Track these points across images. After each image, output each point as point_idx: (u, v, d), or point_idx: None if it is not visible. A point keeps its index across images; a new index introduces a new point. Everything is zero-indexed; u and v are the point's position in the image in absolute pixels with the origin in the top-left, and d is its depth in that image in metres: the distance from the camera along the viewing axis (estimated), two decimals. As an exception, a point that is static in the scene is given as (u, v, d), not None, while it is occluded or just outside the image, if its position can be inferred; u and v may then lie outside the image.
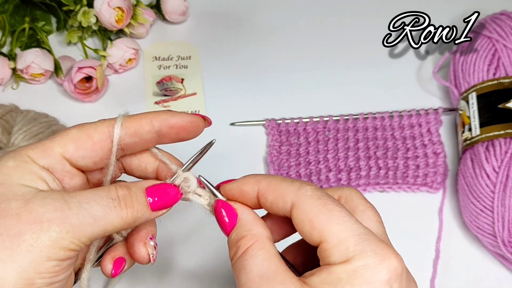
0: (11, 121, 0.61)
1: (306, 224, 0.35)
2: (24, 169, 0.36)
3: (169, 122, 0.39)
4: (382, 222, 0.39)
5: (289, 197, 0.36)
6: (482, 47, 0.67)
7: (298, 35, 0.79)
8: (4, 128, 0.59)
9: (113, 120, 0.39)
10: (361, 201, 0.39)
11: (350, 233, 0.34)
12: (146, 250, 0.40)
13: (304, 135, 0.68)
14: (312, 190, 0.36)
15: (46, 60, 0.69)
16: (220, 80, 0.74)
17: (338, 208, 0.35)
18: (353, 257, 0.34)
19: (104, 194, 0.36)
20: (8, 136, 0.59)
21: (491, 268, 0.61)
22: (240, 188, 0.39)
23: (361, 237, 0.34)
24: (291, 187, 0.37)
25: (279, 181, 0.38)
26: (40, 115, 0.63)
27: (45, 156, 0.37)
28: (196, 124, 0.40)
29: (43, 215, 0.33)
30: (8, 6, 0.73)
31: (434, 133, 0.68)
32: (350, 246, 0.34)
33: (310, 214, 0.35)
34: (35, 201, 0.34)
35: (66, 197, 0.34)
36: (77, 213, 0.34)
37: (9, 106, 0.62)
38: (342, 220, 0.35)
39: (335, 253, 0.34)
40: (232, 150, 0.68)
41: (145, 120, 0.39)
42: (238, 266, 0.36)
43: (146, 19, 0.75)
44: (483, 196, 0.59)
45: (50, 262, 0.33)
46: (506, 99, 0.62)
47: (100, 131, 0.38)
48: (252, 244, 0.36)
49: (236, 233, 0.37)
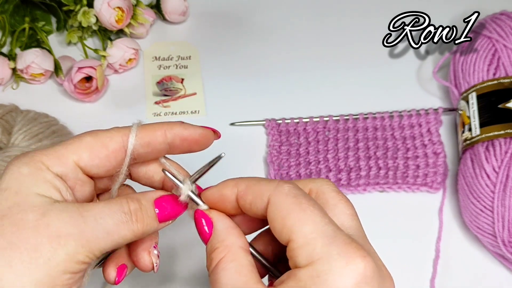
0: (11, 121, 0.61)
1: (278, 221, 0.35)
2: (38, 177, 0.36)
3: (183, 135, 0.39)
4: (355, 215, 0.37)
5: (266, 194, 0.36)
6: (482, 47, 0.67)
7: (298, 35, 0.79)
8: (4, 128, 0.59)
9: (127, 129, 0.39)
10: (332, 194, 0.38)
11: (319, 234, 0.33)
12: (150, 259, 0.40)
13: (304, 135, 0.68)
14: (289, 188, 0.35)
15: (46, 60, 0.69)
16: (220, 80, 0.74)
17: (311, 207, 0.34)
18: (317, 260, 0.32)
19: (117, 209, 0.36)
20: (8, 136, 0.59)
21: (491, 268, 0.61)
22: (220, 192, 0.38)
23: (330, 239, 0.33)
24: (269, 185, 0.36)
25: (257, 181, 0.37)
26: (40, 115, 0.63)
27: (60, 164, 0.37)
28: (208, 138, 0.40)
29: (60, 229, 0.33)
30: (8, 6, 0.73)
31: (434, 133, 0.68)
32: (316, 247, 0.33)
33: (282, 212, 0.34)
34: (52, 214, 0.34)
35: (82, 211, 0.35)
36: (92, 228, 0.34)
37: (9, 106, 0.62)
38: (313, 221, 0.34)
39: (301, 253, 0.33)
40: (232, 150, 0.67)
41: (159, 132, 0.39)
42: (212, 278, 0.36)
43: (146, 19, 0.75)
44: (483, 196, 0.59)
45: (65, 275, 0.34)
46: (506, 99, 0.62)
47: (115, 140, 0.38)
48: (223, 256, 0.36)
49: (211, 245, 0.37)
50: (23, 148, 0.58)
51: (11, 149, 0.57)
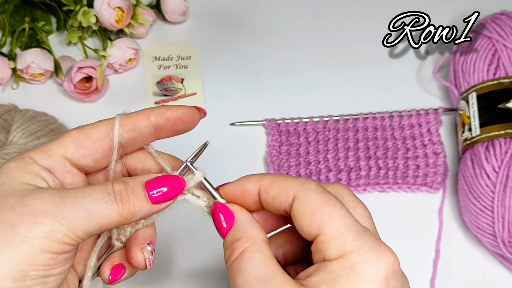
0: (10, 120, 0.61)
1: (307, 215, 0.36)
2: (24, 169, 0.36)
3: (165, 115, 0.40)
4: (372, 218, 0.39)
5: (293, 190, 0.37)
6: (482, 47, 0.66)
7: (298, 35, 0.79)
8: (3, 127, 0.59)
9: (111, 119, 0.40)
10: (351, 198, 0.39)
11: (349, 228, 0.34)
12: (142, 255, 0.40)
13: (304, 135, 0.68)
14: (316, 185, 0.37)
15: (46, 60, 0.69)
16: (220, 80, 0.74)
17: (339, 204, 0.36)
18: (350, 252, 0.34)
19: (99, 189, 0.36)
20: (7, 135, 0.59)
21: (491, 268, 0.61)
22: (242, 186, 0.39)
23: (360, 233, 0.34)
24: (296, 181, 0.37)
25: (283, 177, 0.38)
26: (38, 113, 0.63)
27: (46, 157, 0.38)
28: (192, 115, 0.41)
29: (36, 207, 0.34)
30: (8, 6, 0.73)
31: (434, 133, 0.68)
32: (348, 240, 0.34)
33: (312, 206, 0.36)
34: (30, 196, 0.34)
35: (61, 192, 0.35)
36: (71, 206, 0.34)
37: (8, 106, 0.63)
38: (343, 216, 0.35)
39: (332, 246, 0.34)
40: (232, 150, 0.68)
41: (141, 115, 0.40)
42: (234, 268, 0.36)
43: (146, 19, 0.75)
44: (483, 196, 0.59)
45: (44, 255, 0.33)
46: (506, 99, 0.62)
47: (99, 129, 0.39)
48: (248, 246, 0.36)
49: (232, 235, 0.37)
50: (21, 146, 0.58)
51: (9, 146, 0.58)
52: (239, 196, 0.39)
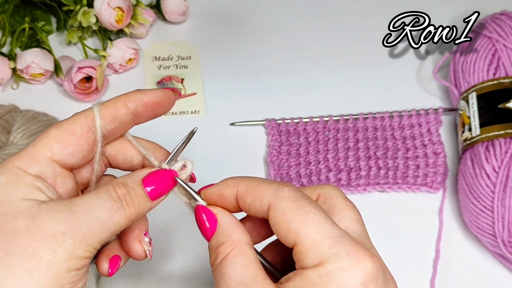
0: (11, 120, 0.61)
1: (282, 226, 0.35)
2: (17, 183, 0.35)
3: (143, 101, 0.39)
4: (361, 220, 0.38)
5: (266, 198, 0.36)
6: (482, 47, 0.67)
7: (298, 35, 0.79)
8: (3, 128, 0.59)
9: (88, 110, 0.38)
10: (339, 199, 0.38)
11: (325, 235, 0.34)
12: (142, 247, 0.40)
13: (304, 135, 0.68)
14: (290, 191, 0.36)
15: (46, 60, 0.69)
16: (220, 80, 0.74)
17: (314, 210, 0.35)
18: (326, 260, 0.33)
19: (106, 197, 0.36)
20: (7, 135, 0.59)
21: (491, 268, 0.61)
22: (219, 191, 0.39)
23: (336, 239, 0.33)
24: (268, 188, 0.36)
25: (257, 183, 0.37)
26: (39, 114, 0.63)
27: (34, 163, 0.36)
28: (168, 98, 0.40)
29: (54, 229, 0.33)
30: (8, 6, 0.73)
31: (434, 133, 0.68)
32: (324, 248, 0.33)
33: (286, 216, 0.35)
34: (41, 216, 0.33)
35: (70, 207, 0.34)
36: (85, 221, 0.34)
37: (9, 106, 0.63)
38: (318, 222, 0.34)
39: (309, 255, 0.33)
40: (232, 150, 0.68)
41: (119, 104, 0.39)
42: (218, 273, 0.36)
43: (146, 19, 0.75)
44: (483, 196, 0.59)
45: (70, 273, 0.33)
46: (506, 99, 0.62)
47: (80, 124, 0.38)
48: (231, 251, 0.36)
49: (216, 239, 0.37)
50: (22, 147, 0.58)
51: (10, 147, 0.58)
52: (218, 200, 0.39)
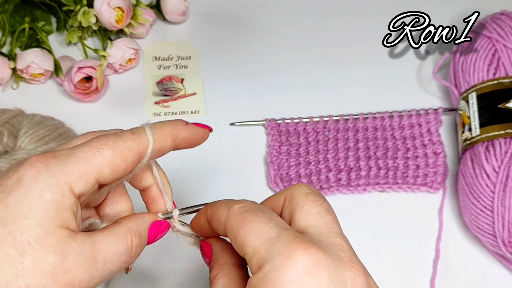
0: (17, 125, 0.61)
1: (233, 242, 0.35)
2: (61, 205, 0.34)
3: (187, 139, 0.40)
4: (324, 212, 0.36)
5: (222, 219, 0.36)
6: (482, 47, 0.67)
7: (298, 35, 0.79)
8: (11, 132, 0.59)
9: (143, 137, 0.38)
10: (301, 197, 0.37)
11: (263, 239, 0.33)
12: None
13: (304, 135, 0.68)
14: (239, 207, 0.36)
15: (46, 60, 0.69)
16: (220, 80, 0.74)
17: (254, 218, 0.34)
18: (263, 263, 0.32)
19: (124, 249, 0.37)
20: (15, 140, 0.59)
21: (491, 268, 0.61)
22: (196, 222, 0.41)
23: (272, 241, 0.33)
24: (225, 209, 0.36)
25: (218, 206, 0.37)
26: (45, 118, 0.63)
27: (83, 183, 0.35)
28: (205, 136, 0.42)
29: (76, 277, 0.34)
30: (8, 6, 0.73)
31: (434, 133, 0.68)
32: (261, 252, 0.33)
33: (233, 232, 0.35)
34: (70, 258, 0.34)
35: (95, 254, 0.35)
36: (101, 272, 0.35)
37: (15, 111, 0.62)
38: (257, 229, 0.34)
39: (252, 263, 0.33)
40: (232, 150, 0.68)
41: (169, 139, 0.39)
42: None
43: (146, 19, 0.75)
44: (483, 196, 0.59)
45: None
46: (506, 99, 0.62)
47: (133, 153, 0.37)
48: (218, 273, 0.38)
49: (211, 265, 0.39)
50: (30, 151, 0.58)
51: (18, 152, 0.58)
52: (200, 229, 0.41)
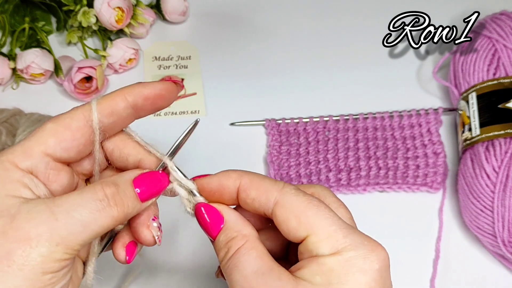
0: (15, 123, 0.61)
1: (292, 220, 0.36)
2: (6, 178, 0.35)
3: (143, 94, 0.38)
4: (353, 219, 0.40)
5: (273, 195, 0.37)
6: (482, 47, 0.67)
7: (298, 35, 0.79)
8: (9, 131, 0.59)
9: (87, 105, 0.38)
10: (333, 199, 0.40)
11: (338, 226, 0.36)
12: (150, 233, 0.39)
13: (304, 135, 0.68)
14: (295, 189, 0.37)
15: (46, 60, 0.69)
16: (220, 80, 0.74)
17: (323, 204, 0.37)
18: (343, 248, 0.35)
19: (90, 197, 0.35)
20: (13, 138, 0.59)
21: (491, 268, 0.61)
22: (220, 182, 0.39)
23: (348, 231, 0.36)
24: (275, 185, 0.37)
25: (262, 178, 0.38)
26: (44, 117, 0.63)
27: (27, 158, 0.36)
28: (170, 90, 0.39)
29: (30, 231, 0.32)
30: (8, 6, 0.73)
31: (434, 133, 0.68)
32: (339, 238, 0.35)
33: (296, 211, 0.36)
34: (20, 217, 0.33)
35: (52, 207, 0.34)
36: (65, 223, 0.33)
37: (13, 110, 0.62)
38: (329, 215, 0.36)
39: (324, 245, 0.35)
40: (232, 150, 0.68)
41: (119, 98, 0.38)
42: (231, 265, 0.36)
43: (146, 19, 0.75)
44: (483, 196, 0.59)
45: (45, 276, 0.33)
46: (506, 99, 0.62)
47: (77, 118, 0.37)
48: (243, 244, 0.36)
49: (225, 235, 0.37)
50: None
51: None
52: (216, 191, 0.39)
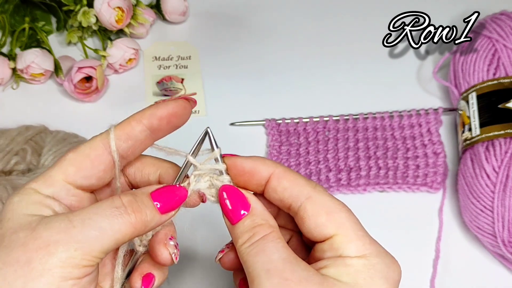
0: (41, 142, 0.60)
1: (323, 216, 0.37)
2: (28, 201, 0.36)
3: (157, 115, 0.39)
4: None
5: (306, 189, 0.38)
6: (482, 47, 0.67)
7: (298, 35, 0.79)
8: (34, 150, 0.59)
9: (104, 133, 0.39)
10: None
11: (365, 233, 0.37)
12: (167, 251, 0.40)
13: (304, 135, 0.68)
14: (326, 190, 0.39)
15: (46, 60, 0.69)
16: (220, 80, 0.74)
17: (351, 210, 0.38)
18: (369, 254, 0.36)
19: (106, 205, 0.36)
20: (38, 158, 0.58)
21: (491, 268, 0.61)
22: (254, 165, 0.39)
23: (372, 240, 0.37)
24: (309, 182, 0.39)
25: (296, 173, 0.39)
26: (69, 135, 0.62)
27: (48, 186, 0.37)
28: (183, 107, 0.40)
29: (48, 238, 0.34)
30: (8, 6, 0.73)
31: (434, 133, 0.68)
32: (366, 243, 0.37)
33: (328, 208, 0.38)
34: (40, 227, 0.34)
35: (70, 217, 0.35)
36: (81, 229, 0.34)
37: (39, 127, 0.61)
38: (357, 221, 0.38)
39: (352, 247, 0.36)
40: (232, 150, 0.67)
41: (133, 122, 0.39)
42: (255, 248, 0.36)
43: (146, 19, 0.75)
44: (483, 196, 0.59)
45: (67, 282, 0.33)
46: (506, 99, 0.62)
47: (95, 147, 0.38)
48: (271, 232, 0.37)
49: (252, 220, 0.38)
50: None
51: (41, 170, 0.57)
52: (247, 173, 0.39)
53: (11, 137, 0.58)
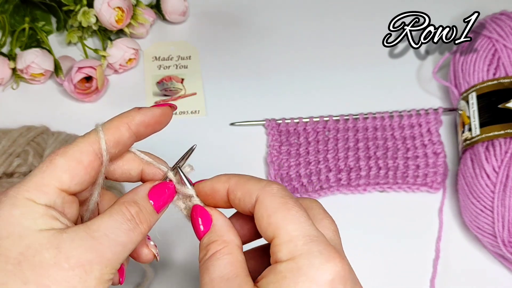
0: (43, 143, 0.59)
1: (264, 219, 0.36)
2: (32, 215, 0.35)
3: (145, 122, 0.40)
4: (338, 232, 0.39)
5: (255, 193, 0.37)
6: (482, 47, 0.67)
7: (298, 35, 0.79)
8: (36, 151, 0.58)
9: (92, 136, 0.38)
10: (319, 210, 0.40)
11: (302, 232, 0.35)
12: (151, 251, 0.41)
13: (304, 135, 0.68)
14: (278, 189, 0.37)
15: (46, 60, 0.69)
16: (220, 80, 0.74)
17: (296, 208, 0.36)
18: (299, 255, 0.34)
19: (121, 219, 0.36)
20: (40, 159, 0.58)
21: (491, 268, 0.61)
22: (212, 185, 0.40)
23: (311, 238, 0.35)
24: (257, 184, 0.38)
25: (247, 179, 0.39)
26: (71, 136, 0.61)
27: (43, 194, 0.36)
28: (167, 114, 0.41)
29: (80, 257, 0.34)
30: (8, 6, 0.73)
31: (434, 133, 0.68)
32: (298, 244, 0.35)
33: (269, 210, 0.36)
34: (65, 246, 0.34)
35: (91, 233, 0.35)
36: (109, 246, 0.35)
37: (40, 128, 0.61)
38: (297, 220, 0.36)
39: (283, 249, 0.35)
40: (232, 150, 0.68)
41: (123, 128, 0.39)
42: (204, 267, 0.37)
43: (146, 19, 0.75)
44: (483, 196, 0.59)
45: None
46: (506, 99, 0.62)
47: (87, 152, 0.38)
48: (221, 249, 0.37)
49: (208, 238, 0.39)
50: None
51: None
52: (209, 194, 0.40)
53: (13, 139, 0.58)
